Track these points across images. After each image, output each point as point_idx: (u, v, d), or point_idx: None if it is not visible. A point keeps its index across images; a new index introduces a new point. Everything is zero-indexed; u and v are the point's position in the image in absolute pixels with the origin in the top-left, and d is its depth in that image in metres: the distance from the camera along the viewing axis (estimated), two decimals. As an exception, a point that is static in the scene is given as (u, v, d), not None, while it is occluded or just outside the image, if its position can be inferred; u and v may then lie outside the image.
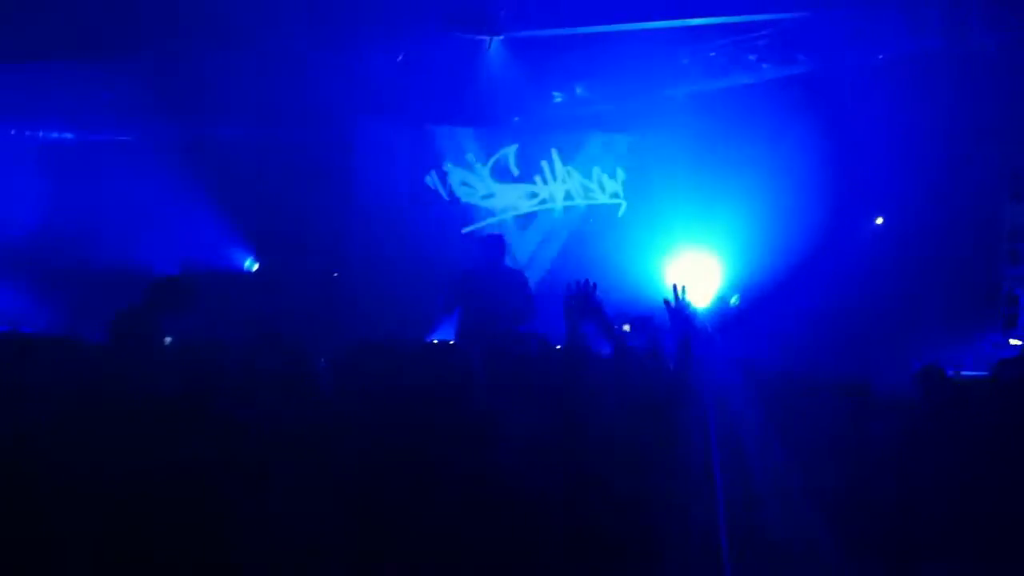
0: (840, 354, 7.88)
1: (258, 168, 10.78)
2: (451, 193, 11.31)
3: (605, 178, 11.44)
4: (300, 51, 9.49)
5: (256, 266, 11.59)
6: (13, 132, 11.09)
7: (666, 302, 3.93)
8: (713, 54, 10.15)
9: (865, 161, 9.34)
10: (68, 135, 11.45)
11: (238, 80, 9.91)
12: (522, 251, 11.12)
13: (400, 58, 10.16)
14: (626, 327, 5.30)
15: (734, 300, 10.26)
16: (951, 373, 5.86)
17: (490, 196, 11.40)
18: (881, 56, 9.25)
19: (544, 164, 11.44)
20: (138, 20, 8.13)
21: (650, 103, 10.76)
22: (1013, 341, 8.48)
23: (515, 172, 11.43)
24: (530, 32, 9.01)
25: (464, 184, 11.35)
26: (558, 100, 11.12)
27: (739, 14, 8.70)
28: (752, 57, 9.82)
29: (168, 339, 5.01)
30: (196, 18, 8.32)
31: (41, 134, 11.29)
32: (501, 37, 9.30)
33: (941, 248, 8.86)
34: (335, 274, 11.15)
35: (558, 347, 3.84)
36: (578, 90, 11.10)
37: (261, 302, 9.89)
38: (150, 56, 9.12)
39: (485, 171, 11.37)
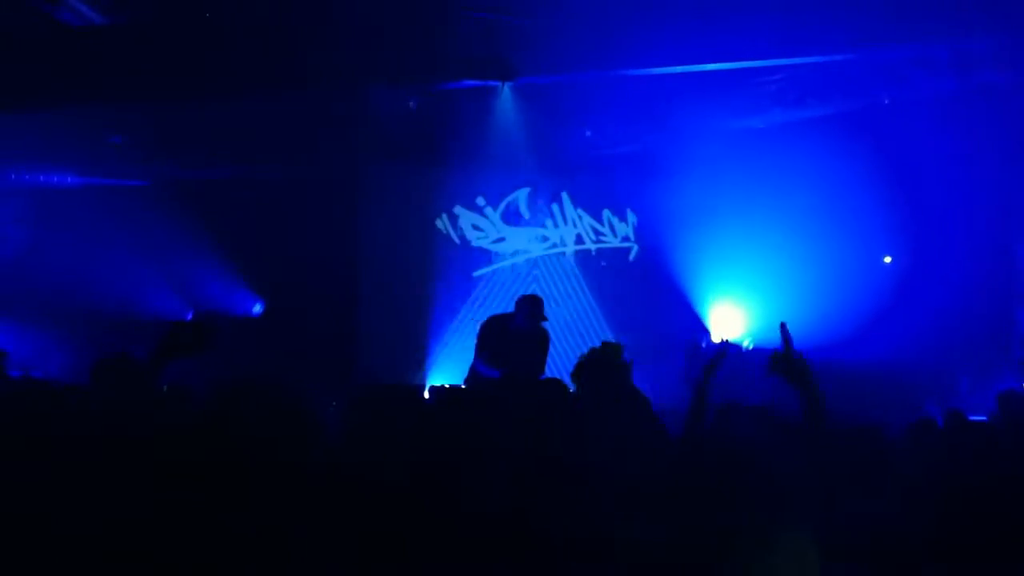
0: (856, 398, 7.76)
1: (266, 211, 10.76)
2: (461, 236, 11.29)
3: (616, 221, 11.41)
4: (312, 96, 9.51)
5: (262, 309, 11.53)
6: (13, 176, 11.11)
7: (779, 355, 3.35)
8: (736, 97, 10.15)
9: (878, 203, 9.29)
10: (71, 179, 11.45)
11: (248, 124, 9.94)
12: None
13: (413, 104, 10.18)
14: None
15: (747, 343, 10.17)
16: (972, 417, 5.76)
17: (500, 240, 11.37)
18: (887, 101, 9.24)
19: (555, 207, 11.42)
20: (154, 65, 8.16)
21: (662, 145, 10.74)
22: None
23: (526, 215, 11.42)
24: (542, 78, 9.01)
25: (475, 227, 11.33)
26: (588, 135, 11.08)
27: (753, 60, 8.67)
28: (766, 101, 9.82)
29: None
30: (209, 63, 8.35)
31: (43, 178, 11.29)
32: (512, 82, 9.31)
33: (956, 290, 8.78)
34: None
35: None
36: (588, 133, 11.09)
37: (268, 345, 9.83)
38: (159, 100, 9.14)
39: (496, 214, 11.36)
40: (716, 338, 10.20)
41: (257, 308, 11.59)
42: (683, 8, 7.73)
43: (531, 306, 7.34)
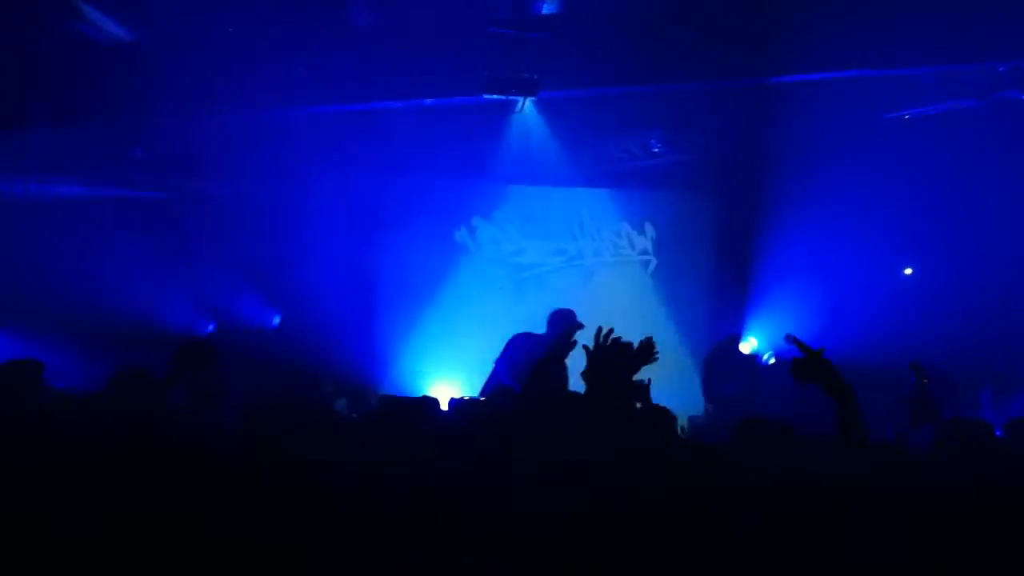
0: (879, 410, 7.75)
1: (286, 223, 10.81)
2: (480, 249, 11.32)
3: (635, 234, 11.40)
4: (331, 108, 9.57)
5: (280, 322, 11.56)
6: (33, 186, 11.17)
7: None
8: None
9: (899, 220, 9.28)
10: (78, 190, 11.48)
11: (267, 137, 9.99)
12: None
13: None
14: None
15: (768, 356, 10.15)
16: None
17: (520, 252, 11.38)
18: (907, 116, 9.22)
19: (574, 220, 11.43)
20: (174, 80, 8.24)
21: (680, 161, 10.74)
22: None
23: (545, 228, 11.42)
24: (564, 92, 9.03)
25: (493, 240, 11.35)
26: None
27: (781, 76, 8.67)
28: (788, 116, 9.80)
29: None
30: (223, 78, 8.42)
31: (48, 188, 11.33)
32: (535, 97, 9.34)
33: (977, 312, 8.76)
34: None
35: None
36: (608, 147, 11.10)
37: (288, 358, 9.85)
38: (175, 114, 9.21)
39: (514, 227, 11.38)
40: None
41: (276, 321, 11.62)
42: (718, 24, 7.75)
43: (565, 322, 7.31)
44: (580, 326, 7.26)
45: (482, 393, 7.50)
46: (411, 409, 4.01)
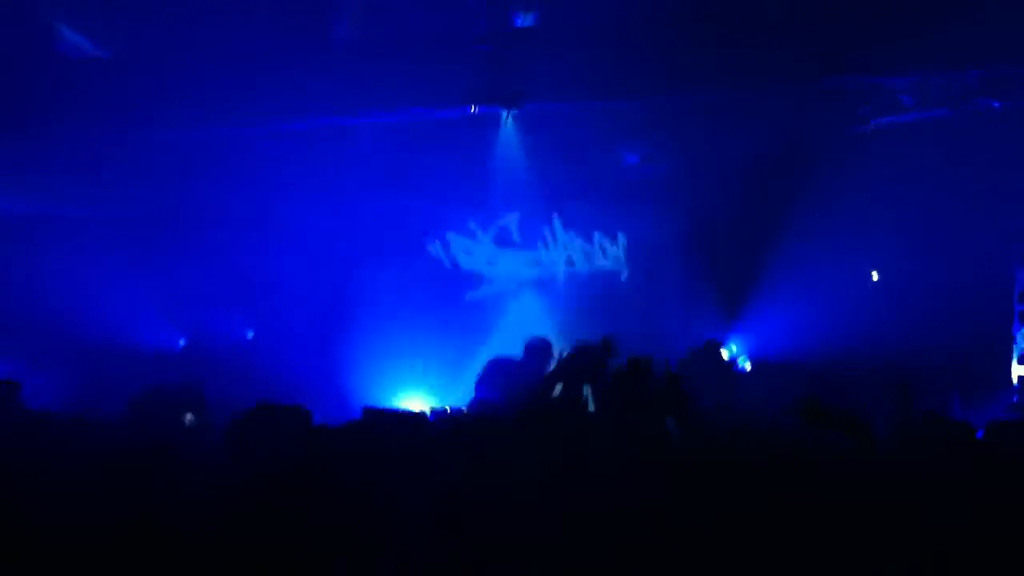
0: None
1: (260, 237, 10.75)
2: (453, 261, 11.32)
3: (607, 243, 11.44)
4: (306, 124, 9.55)
5: (254, 336, 11.49)
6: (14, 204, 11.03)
7: None
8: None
9: (871, 225, 9.38)
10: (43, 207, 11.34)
11: (241, 152, 9.95)
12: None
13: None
14: None
15: (743, 361, 10.22)
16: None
17: (493, 263, 11.39)
18: (871, 124, 9.33)
19: (546, 230, 11.45)
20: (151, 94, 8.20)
21: (653, 170, 10.80)
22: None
23: (517, 239, 11.43)
24: (544, 105, 9.07)
25: (466, 252, 11.36)
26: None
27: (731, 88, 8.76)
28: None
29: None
30: (196, 94, 8.39)
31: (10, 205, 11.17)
32: (516, 111, 9.38)
33: (952, 311, 8.85)
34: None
35: None
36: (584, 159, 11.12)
37: (262, 371, 9.79)
38: (156, 128, 9.16)
39: (487, 239, 11.39)
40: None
41: (250, 335, 11.56)
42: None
43: (541, 353, 7.27)
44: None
45: (469, 407, 7.48)
46: (393, 421, 4.01)
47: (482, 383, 7.31)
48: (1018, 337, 8.35)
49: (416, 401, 10.30)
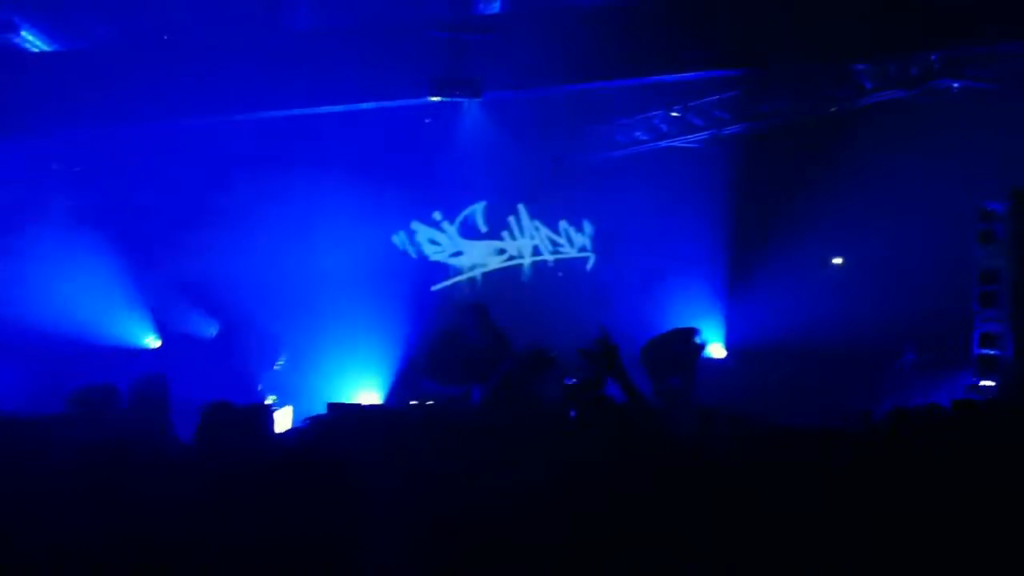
0: (810, 395, 7.92)
1: (220, 230, 10.63)
2: (419, 251, 11.27)
3: (573, 232, 11.46)
4: (266, 113, 9.43)
5: (218, 331, 11.37)
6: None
7: None
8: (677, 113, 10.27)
9: (833, 208, 9.46)
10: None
11: (199, 137, 9.81)
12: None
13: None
14: None
15: (710, 347, 10.28)
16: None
17: (458, 254, 11.36)
18: (834, 109, 9.39)
19: (511, 220, 11.44)
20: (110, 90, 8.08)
21: (617, 158, 10.83)
22: (984, 383, 8.50)
23: (483, 229, 11.42)
24: (507, 92, 9.02)
25: (432, 242, 11.32)
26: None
27: (704, 73, 8.77)
28: (715, 115, 9.96)
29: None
30: (167, 85, 8.26)
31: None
32: (479, 99, 9.33)
33: (912, 291, 8.97)
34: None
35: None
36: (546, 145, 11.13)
37: (227, 366, 9.71)
38: (101, 124, 8.99)
39: (453, 229, 11.36)
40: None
41: (213, 330, 11.44)
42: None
43: (478, 316, 7.19)
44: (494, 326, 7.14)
45: (416, 398, 7.45)
46: (360, 415, 3.97)
47: (430, 370, 7.22)
48: (977, 318, 8.45)
49: (375, 395, 10.29)
